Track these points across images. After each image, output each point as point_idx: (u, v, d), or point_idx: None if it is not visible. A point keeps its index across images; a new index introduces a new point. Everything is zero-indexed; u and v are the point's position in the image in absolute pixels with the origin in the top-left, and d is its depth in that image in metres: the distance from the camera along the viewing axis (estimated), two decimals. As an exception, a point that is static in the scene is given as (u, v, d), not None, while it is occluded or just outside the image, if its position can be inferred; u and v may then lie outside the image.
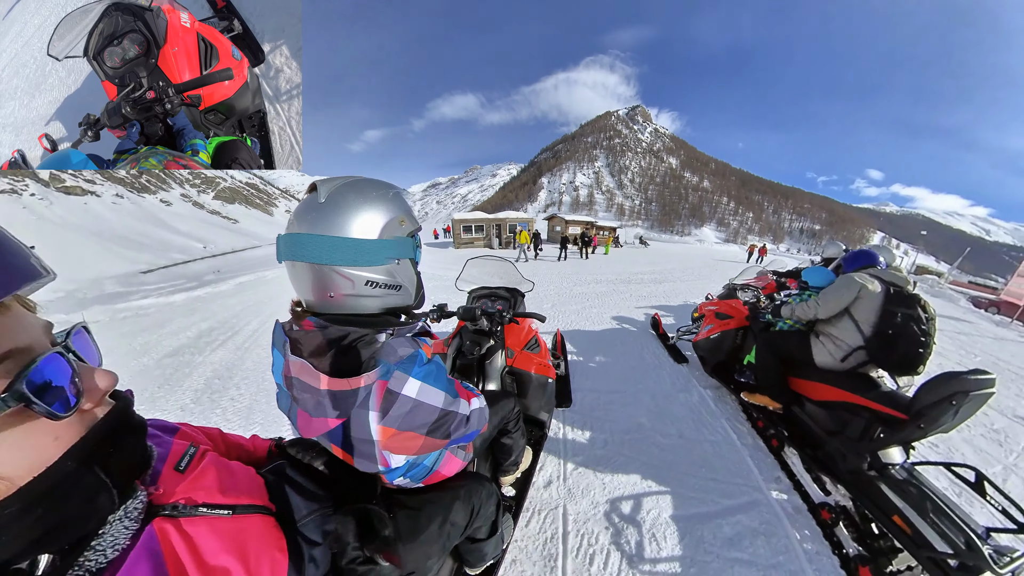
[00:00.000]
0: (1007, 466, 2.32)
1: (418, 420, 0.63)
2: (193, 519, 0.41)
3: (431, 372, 0.65)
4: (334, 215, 0.61)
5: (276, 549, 0.47)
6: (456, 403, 0.71)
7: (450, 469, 0.93)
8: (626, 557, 1.55)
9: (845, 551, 1.58)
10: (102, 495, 0.34)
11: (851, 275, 1.85)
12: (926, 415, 1.40)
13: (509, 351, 1.85)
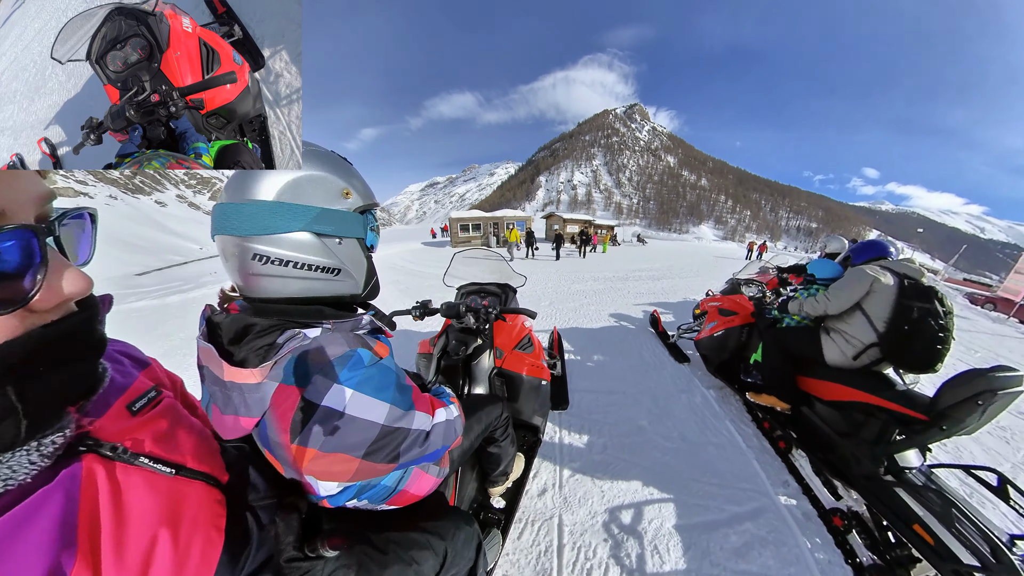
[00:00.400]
0: (1015, 464, 2.25)
1: (350, 439, 0.50)
2: (129, 467, 0.36)
3: (371, 377, 0.52)
4: (255, 177, 0.52)
5: (212, 526, 0.42)
6: (408, 417, 0.57)
7: (420, 487, 0.82)
8: (626, 571, 1.44)
9: (859, 560, 1.48)
10: (8, 420, 0.27)
11: (862, 267, 1.74)
12: (950, 416, 1.30)
13: (498, 351, 1.72)
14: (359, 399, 0.50)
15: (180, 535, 0.37)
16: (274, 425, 0.49)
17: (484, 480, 1.36)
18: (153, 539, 0.35)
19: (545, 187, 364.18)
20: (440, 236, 33.97)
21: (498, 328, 1.79)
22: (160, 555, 0.35)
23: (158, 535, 0.35)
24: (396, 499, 0.77)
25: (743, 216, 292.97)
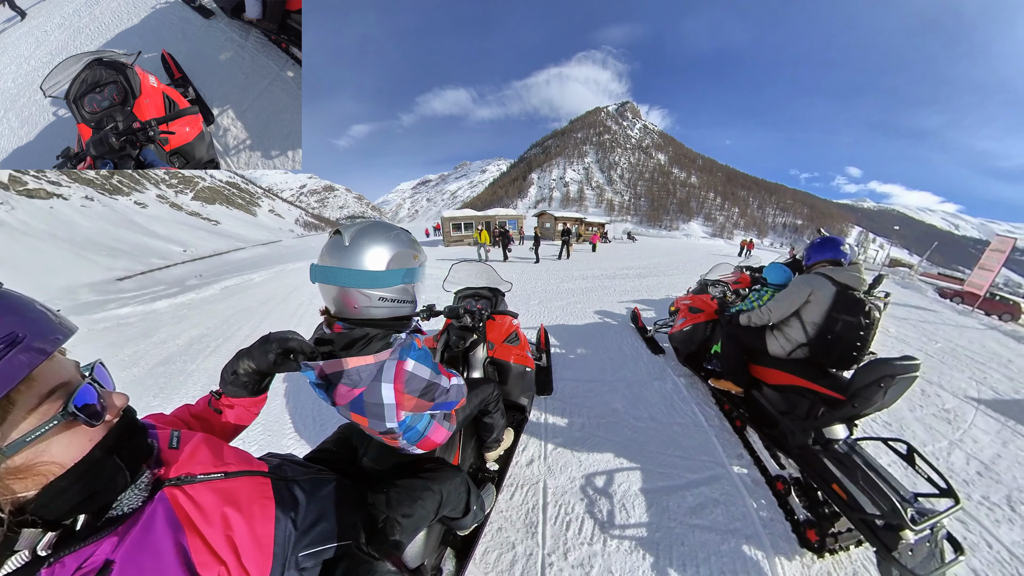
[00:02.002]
0: (952, 441, 2.54)
1: (414, 385, 0.91)
2: (194, 485, 0.55)
3: (421, 356, 0.95)
4: (355, 254, 0.87)
5: (264, 497, 0.60)
6: (439, 378, 0.99)
7: (438, 436, 1.14)
8: (599, 524, 1.71)
9: (796, 516, 1.75)
10: (119, 475, 0.48)
11: (805, 278, 1.94)
12: (860, 396, 1.56)
13: (490, 344, 2.04)
14: (418, 366, 0.93)
15: (242, 507, 0.56)
16: (381, 382, 0.87)
17: (481, 447, 1.68)
18: (224, 515, 0.53)
19: (537, 184, 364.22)
20: (433, 235, 33.90)
21: (490, 326, 2.12)
22: (233, 520, 0.54)
23: (226, 511, 0.54)
24: (423, 443, 1.09)
25: (731, 213, 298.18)
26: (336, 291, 0.89)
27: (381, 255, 0.89)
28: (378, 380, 0.86)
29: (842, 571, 1.55)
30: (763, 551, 1.60)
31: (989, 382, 3.57)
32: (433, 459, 1.17)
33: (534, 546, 1.61)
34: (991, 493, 2.02)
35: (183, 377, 3.34)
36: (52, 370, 0.44)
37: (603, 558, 1.56)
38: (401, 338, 0.93)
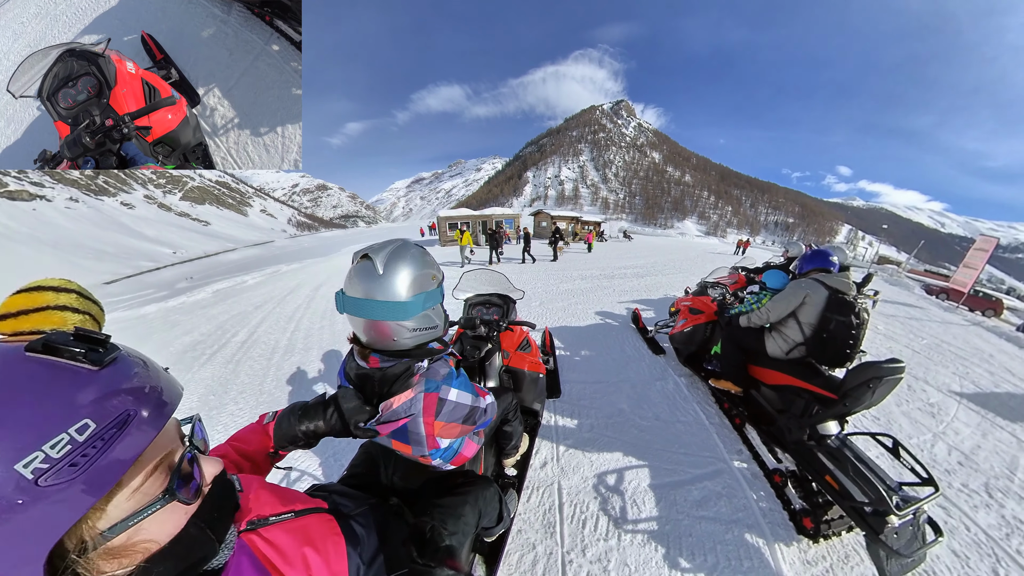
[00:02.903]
0: (936, 434, 2.69)
1: (458, 414, 0.91)
2: (268, 527, 0.54)
3: (463, 382, 0.95)
4: (389, 286, 0.83)
5: (334, 534, 0.60)
6: (478, 400, 0.98)
7: (469, 451, 1.17)
8: (613, 520, 1.82)
9: (792, 506, 1.88)
10: (209, 545, 0.46)
11: (800, 282, 2.12)
12: (851, 395, 1.70)
13: (505, 352, 2.08)
14: (461, 394, 0.91)
15: (318, 545, 0.54)
16: (422, 415, 0.84)
17: (500, 455, 1.73)
18: (303, 555, 0.52)
19: (533, 183, 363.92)
20: (428, 235, 33.81)
21: (503, 334, 2.14)
22: (312, 560, 0.52)
23: (305, 552, 0.52)
24: (456, 460, 1.10)
25: (725, 212, 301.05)
26: (370, 324, 0.84)
27: (414, 284, 0.85)
28: (418, 414, 0.84)
29: (835, 554, 1.68)
30: (763, 538, 1.74)
31: (971, 377, 3.74)
32: (463, 472, 1.19)
33: (553, 545, 1.70)
34: (970, 481, 2.17)
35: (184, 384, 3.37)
36: (158, 442, 0.41)
37: (619, 552, 1.67)
38: (424, 367, 0.89)
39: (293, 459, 2.36)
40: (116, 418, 0.35)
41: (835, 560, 1.66)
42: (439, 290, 0.94)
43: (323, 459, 2.35)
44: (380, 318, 0.83)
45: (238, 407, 2.98)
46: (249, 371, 3.62)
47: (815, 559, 1.66)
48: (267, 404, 3.01)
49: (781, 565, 1.62)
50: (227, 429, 2.72)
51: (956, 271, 10.27)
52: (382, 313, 0.82)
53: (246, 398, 3.10)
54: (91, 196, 32.61)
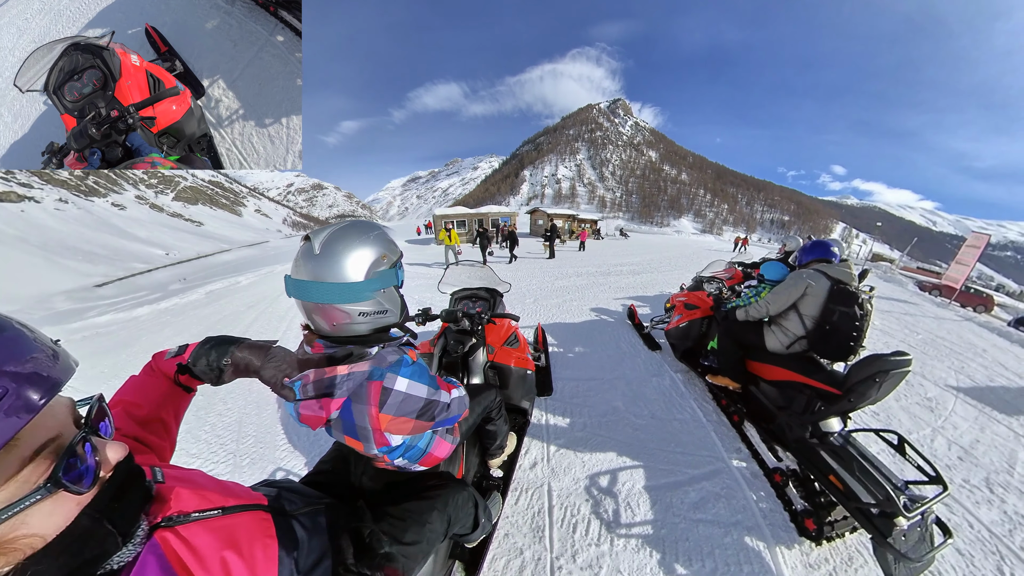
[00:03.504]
0: (935, 428, 2.66)
1: (408, 407, 0.81)
2: (188, 525, 0.47)
3: (416, 371, 0.83)
4: (328, 265, 0.75)
5: (266, 536, 0.54)
6: (438, 393, 0.87)
7: (441, 451, 1.07)
8: (605, 524, 1.73)
9: (794, 507, 1.80)
10: (109, 540, 0.40)
11: (801, 273, 2.03)
12: (855, 391, 1.62)
13: (490, 347, 2.00)
14: (412, 384, 0.81)
15: (243, 549, 0.49)
16: (366, 405, 0.77)
17: (484, 455, 1.63)
18: (223, 559, 0.46)
19: (529, 181, 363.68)
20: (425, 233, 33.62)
21: (488, 329, 2.06)
22: (233, 566, 0.46)
23: (225, 555, 0.46)
24: (425, 460, 1.02)
25: (721, 209, 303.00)
26: (312, 306, 0.77)
27: (358, 264, 0.77)
28: (360, 401, 0.77)
29: (838, 557, 1.61)
30: (764, 541, 1.65)
31: (967, 371, 3.74)
32: (437, 474, 1.10)
33: (542, 550, 1.62)
34: (971, 476, 2.13)
35: None
36: (40, 424, 0.36)
37: (611, 558, 1.58)
38: (370, 353, 0.79)
39: (278, 460, 2.25)
40: None
41: (838, 563, 1.58)
42: (392, 272, 0.85)
43: (309, 458, 2.26)
44: (319, 300, 0.76)
45: (226, 406, 2.89)
46: None
47: (817, 562, 1.58)
48: (256, 404, 2.90)
49: (783, 569, 1.54)
50: (215, 430, 2.62)
51: (948, 268, 10.36)
52: (320, 295, 0.75)
53: (234, 398, 2.99)
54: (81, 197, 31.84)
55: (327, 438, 2.38)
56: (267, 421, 2.69)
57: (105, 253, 19.34)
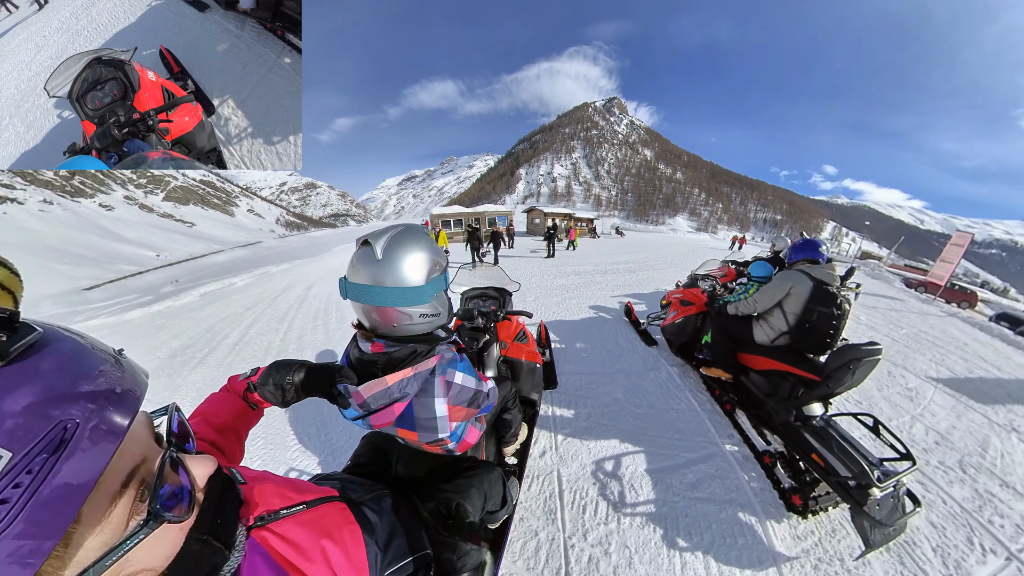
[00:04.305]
0: (914, 416, 2.83)
1: (464, 397, 0.92)
2: (279, 521, 0.50)
3: (466, 367, 0.95)
4: (391, 270, 0.80)
5: (349, 523, 0.57)
6: (481, 384, 0.99)
7: (472, 437, 1.17)
8: (612, 504, 1.88)
9: (782, 485, 1.96)
10: (217, 555, 0.40)
11: (786, 273, 2.19)
12: (833, 377, 1.78)
13: (502, 343, 2.12)
14: (466, 377, 0.92)
15: (335, 536, 0.51)
16: (434, 398, 0.85)
17: (500, 443, 1.76)
18: (322, 548, 0.48)
19: (525, 180, 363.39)
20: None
21: (500, 326, 2.17)
22: (331, 552, 0.49)
23: (323, 544, 0.49)
24: (460, 445, 1.11)
25: (715, 208, 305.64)
26: (374, 310, 0.82)
27: (418, 268, 0.83)
28: (428, 395, 0.84)
29: (823, 529, 1.77)
30: (756, 516, 1.81)
31: (947, 363, 3.91)
32: (467, 458, 1.21)
33: (555, 531, 1.74)
34: (946, 459, 2.29)
35: (168, 393, 3.15)
36: (125, 451, 0.31)
37: (619, 535, 1.71)
38: (435, 351, 0.88)
39: (289, 460, 2.32)
40: (46, 436, 0.25)
41: (823, 534, 1.74)
42: (443, 277, 0.93)
43: (321, 457, 2.33)
44: (384, 304, 0.81)
45: None
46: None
47: (804, 534, 1.74)
48: None
49: (773, 541, 1.69)
50: None
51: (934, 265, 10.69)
52: (384, 298, 0.81)
53: None
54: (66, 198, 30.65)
55: (339, 435, 2.48)
56: (275, 422, 2.65)
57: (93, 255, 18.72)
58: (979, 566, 1.61)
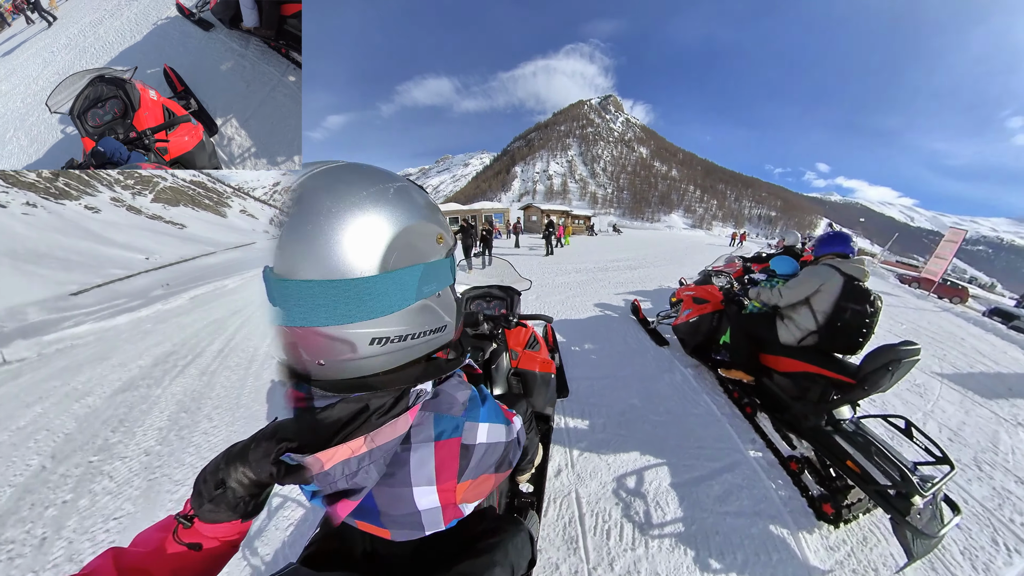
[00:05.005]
0: (926, 412, 2.81)
1: (489, 461, 0.58)
2: None
3: (490, 409, 0.59)
4: (311, 242, 0.39)
5: None
6: (510, 429, 0.65)
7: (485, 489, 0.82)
8: (637, 527, 1.73)
9: (811, 493, 1.88)
10: None
11: (816, 269, 2.06)
12: (870, 379, 1.70)
13: (513, 353, 1.84)
14: (492, 429, 0.58)
15: None
16: (435, 479, 0.50)
17: (514, 471, 1.46)
18: None
19: (521, 177, 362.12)
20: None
21: (508, 332, 1.90)
22: None
23: None
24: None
25: (710, 205, 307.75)
26: (310, 336, 0.42)
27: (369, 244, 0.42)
28: (402, 483, 0.49)
29: (854, 538, 1.69)
30: (787, 528, 1.72)
31: (949, 358, 3.94)
32: (479, 515, 0.80)
33: (578, 562, 1.56)
34: (961, 456, 2.27)
35: (147, 405, 2.95)
36: None
37: (647, 561, 1.57)
38: (426, 392, 0.50)
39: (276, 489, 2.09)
40: None
41: (855, 543, 1.66)
42: (448, 263, 0.53)
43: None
44: (321, 324, 0.41)
45: (212, 424, 2.69)
46: (225, 383, 3.33)
47: (836, 544, 1.66)
48: (244, 419, 2.73)
49: (807, 554, 1.60)
50: (200, 451, 2.37)
51: (927, 261, 10.84)
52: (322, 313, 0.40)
53: (221, 414, 2.81)
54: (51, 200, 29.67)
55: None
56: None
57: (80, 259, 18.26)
58: (1007, 567, 1.56)
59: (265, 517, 1.79)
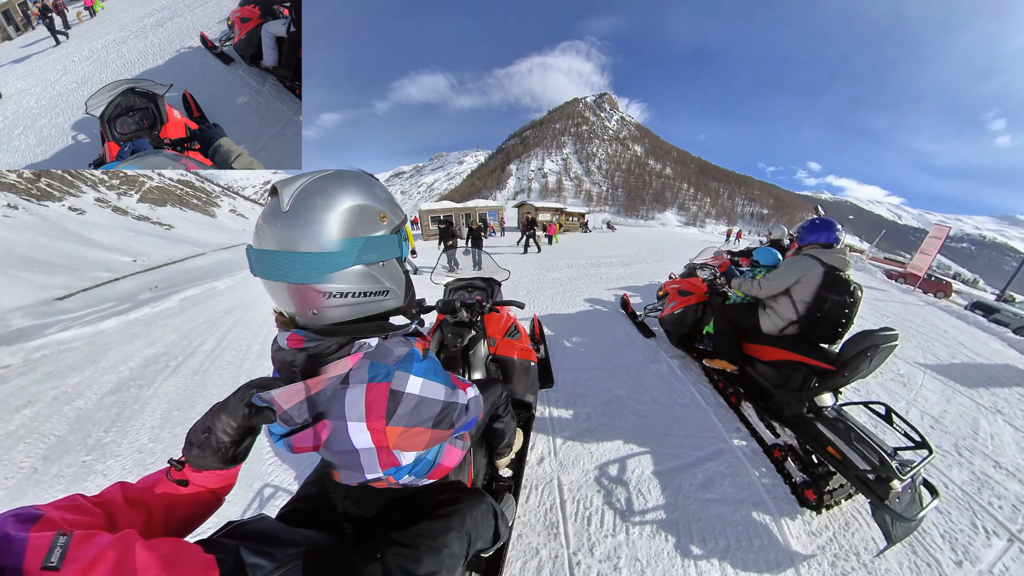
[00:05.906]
0: (909, 401, 2.86)
1: (424, 415, 0.65)
2: None
3: (430, 368, 0.67)
4: (301, 227, 0.56)
5: None
6: (455, 394, 0.72)
7: (451, 460, 0.93)
8: (619, 513, 1.73)
9: (793, 479, 1.88)
10: None
11: (797, 259, 2.04)
12: (849, 365, 1.70)
13: (491, 339, 1.89)
14: (427, 384, 0.65)
15: None
16: (365, 416, 0.59)
17: (492, 454, 1.53)
18: None
19: (516, 175, 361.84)
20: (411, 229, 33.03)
21: (488, 319, 1.95)
22: None
23: None
24: (434, 472, 0.87)
25: (703, 203, 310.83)
26: (284, 289, 0.59)
27: (346, 224, 0.59)
28: (337, 416, 0.58)
29: (836, 523, 1.69)
30: (770, 515, 1.71)
31: (932, 350, 4.04)
32: (446, 486, 0.90)
33: (558, 547, 1.58)
34: (942, 443, 2.31)
35: (139, 405, 2.93)
36: None
37: (628, 547, 1.58)
38: (369, 345, 0.63)
39: (264, 475, 2.07)
40: None
41: (837, 528, 1.66)
42: (394, 239, 0.66)
43: (299, 471, 2.09)
44: (299, 280, 0.57)
45: (198, 412, 2.73)
46: (218, 381, 3.31)
47: (819, 529, 1.66)
48: None
49: (789, 539, 1.60)
50: None
51: (913, 257, 11.12)
52: (299, 271, 0.56)
53: (207, 403, 2.84)
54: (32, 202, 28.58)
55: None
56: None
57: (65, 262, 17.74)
58: (985, 549, 1.59)
59: (258, 505, 1.91)
